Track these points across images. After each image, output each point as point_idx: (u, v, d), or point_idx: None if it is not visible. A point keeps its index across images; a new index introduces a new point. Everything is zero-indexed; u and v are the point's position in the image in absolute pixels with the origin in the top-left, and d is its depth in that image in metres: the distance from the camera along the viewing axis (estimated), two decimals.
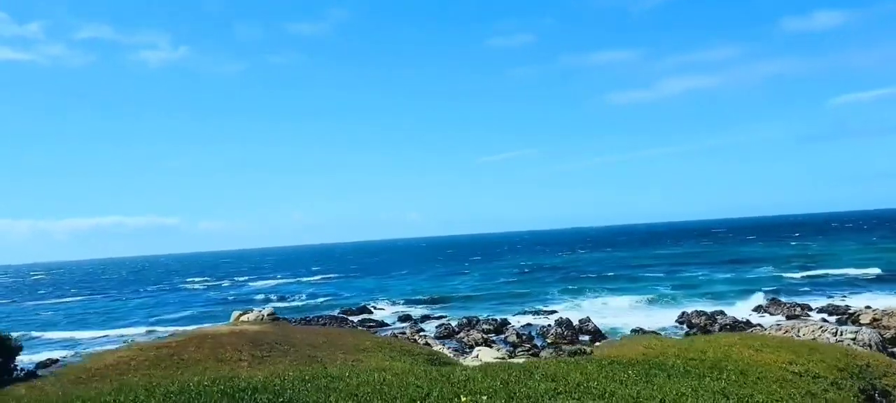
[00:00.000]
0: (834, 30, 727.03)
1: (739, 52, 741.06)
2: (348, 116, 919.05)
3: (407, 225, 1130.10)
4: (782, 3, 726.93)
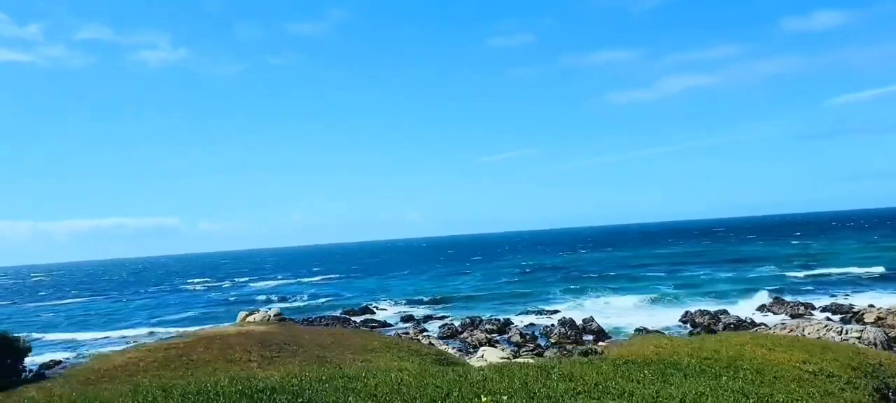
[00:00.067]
0: (834, 29, 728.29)
1: (739, 52, 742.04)
2: (348, 116, 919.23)
3: (407, 225, 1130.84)
4: (782, 3, 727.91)
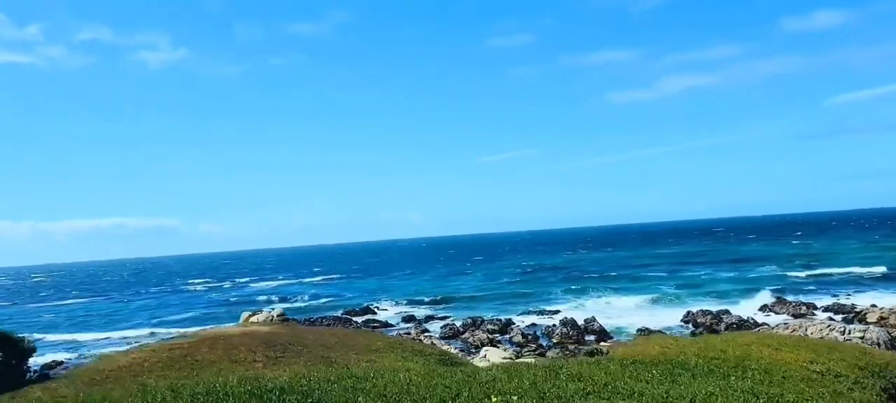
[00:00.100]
0: (833, 29, 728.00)
1: (739, 52, 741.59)
2: (348, 117, 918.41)
3: (408, 225, 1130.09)
4: (782, 3, 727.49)
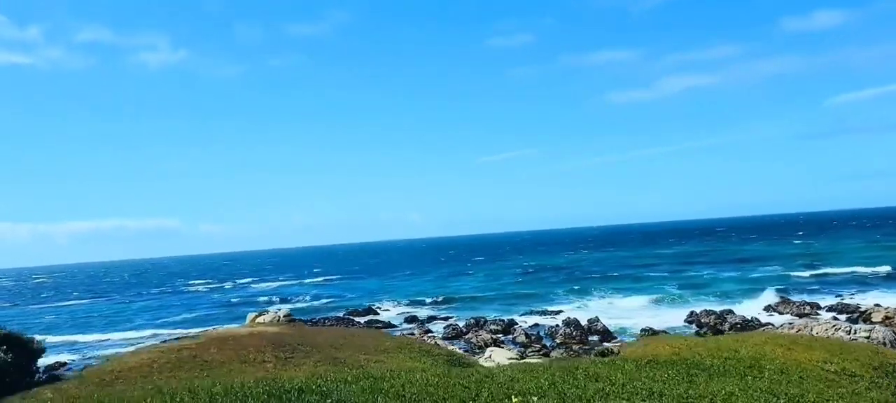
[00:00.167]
0: (833, 29, 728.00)
1: (739, 52, 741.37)
2: (348, 117, 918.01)
3: (408, 225, 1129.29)
4: (782, 3, 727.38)
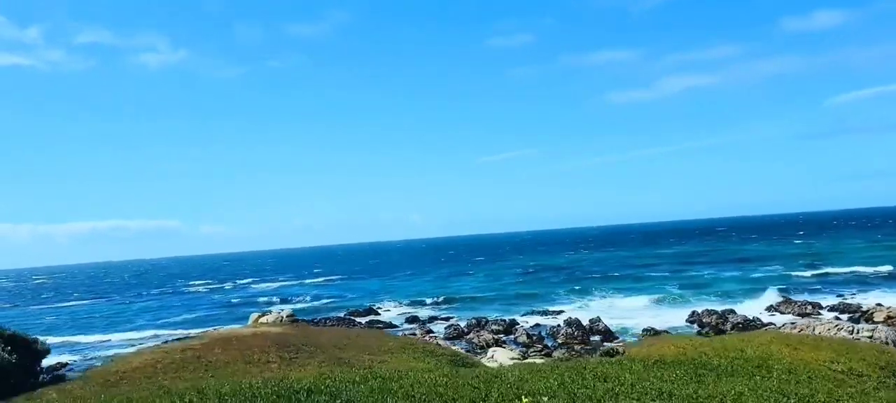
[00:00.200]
0: (833, 29, 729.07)
1: (739, 52, 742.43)
2: (348, 117, 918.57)
3: (408, 226, 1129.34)
4: (782, 3, 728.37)
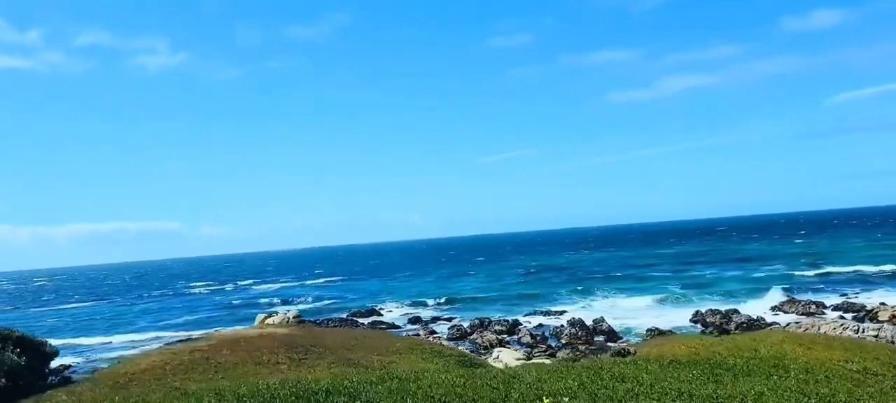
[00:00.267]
0: (833, 28, 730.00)
1: (739, 51, 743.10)
2: (348, 117, 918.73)
3: (408, 226, 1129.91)
4: (781, 3, 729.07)
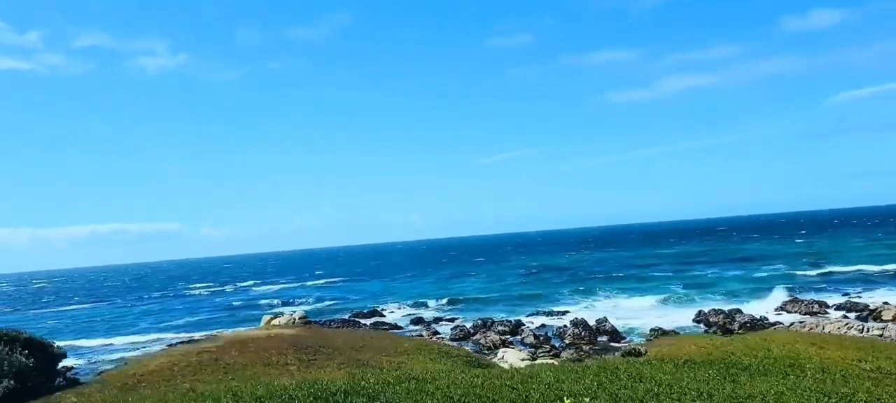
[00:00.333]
0: (832, 28, 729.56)
1: (739, 51, 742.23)
2: (348, 118, 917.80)
3: (408, 227, 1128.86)
4: (781, 3, 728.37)
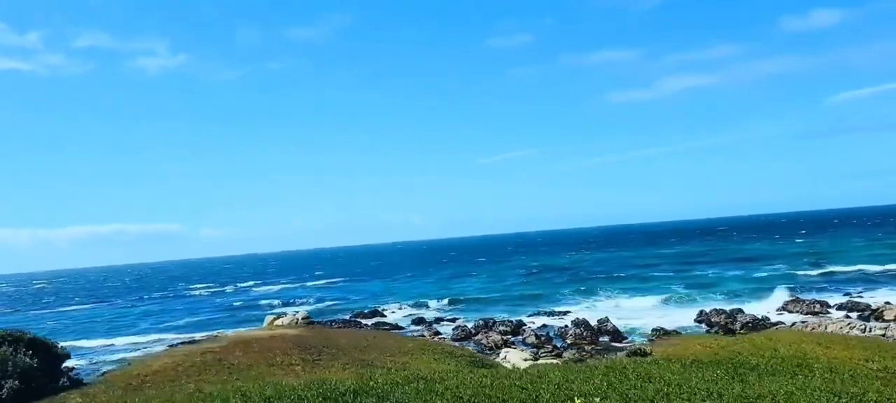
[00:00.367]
0: (832, 28, 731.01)
1: (738, 51, 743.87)
2: (348, 118, 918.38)
3: (408, 227, 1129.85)
4: (781, 3, 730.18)
